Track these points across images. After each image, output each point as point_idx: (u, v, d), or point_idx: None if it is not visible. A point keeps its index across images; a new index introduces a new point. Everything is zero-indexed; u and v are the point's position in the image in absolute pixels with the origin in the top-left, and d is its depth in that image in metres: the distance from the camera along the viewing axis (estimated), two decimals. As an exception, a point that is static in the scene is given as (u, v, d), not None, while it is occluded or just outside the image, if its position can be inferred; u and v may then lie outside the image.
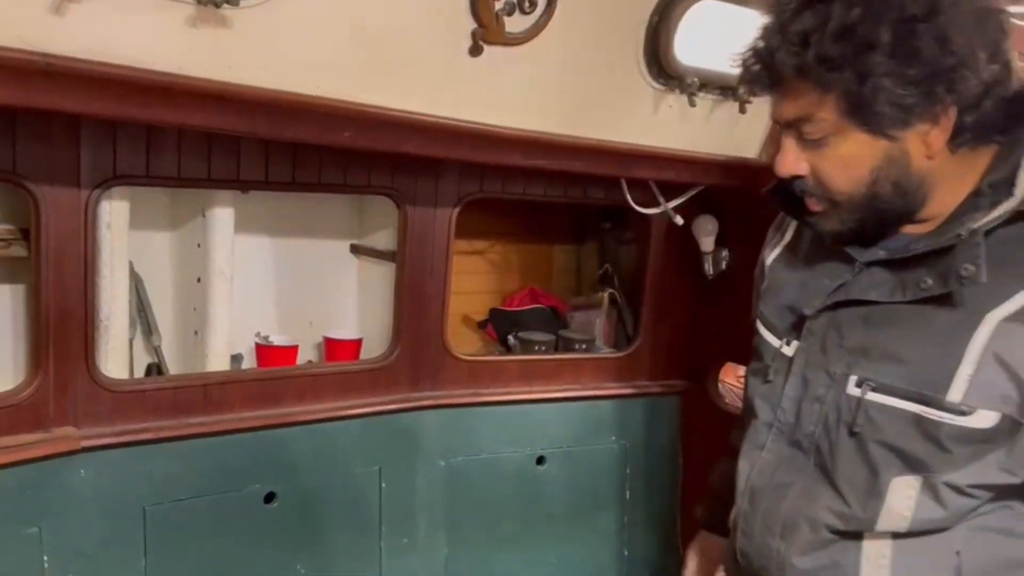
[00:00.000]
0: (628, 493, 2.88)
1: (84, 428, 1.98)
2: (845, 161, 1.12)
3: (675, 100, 2.25)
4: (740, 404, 3.01)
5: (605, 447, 2.83)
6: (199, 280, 2.38)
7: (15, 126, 1.76)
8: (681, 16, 2.07)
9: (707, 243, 2.75)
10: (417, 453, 2.52)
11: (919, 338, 1.13)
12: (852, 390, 1.18)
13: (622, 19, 2.07)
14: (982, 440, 1.10)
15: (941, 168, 1.12)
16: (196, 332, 2.41)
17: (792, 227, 1.40)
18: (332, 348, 2.70)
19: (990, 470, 1.12)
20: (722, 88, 2.29)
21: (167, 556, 2.10)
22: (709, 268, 2.76)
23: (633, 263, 3.06)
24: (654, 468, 2.93)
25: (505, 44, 1.91)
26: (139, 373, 2.42)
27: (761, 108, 2.42)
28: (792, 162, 1.16)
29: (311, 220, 2.74)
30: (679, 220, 2.70)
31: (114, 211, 2.06)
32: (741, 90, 1.19)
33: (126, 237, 2.11)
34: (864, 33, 1.02)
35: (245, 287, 2.51)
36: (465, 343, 3.08)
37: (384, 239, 2.68)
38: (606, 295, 3.09)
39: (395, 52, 1.81)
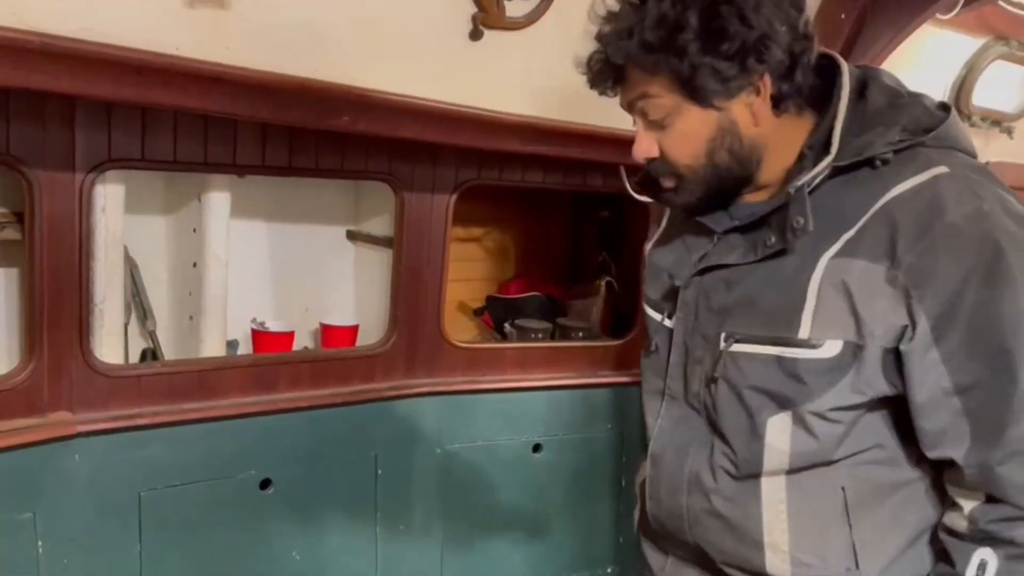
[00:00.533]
0: (623, 481, 2.88)
1: (79, 413, 1.97)
2: (684, 135, 1.26)
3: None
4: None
5: (601, 435, 2.83)
6: (195, 265, 2.36)
7: (9, 107, 1.74)
8: (682, 2, 2.06)
9: (705, 231, 2.74)
10: (413, 440, 2.51)
11: (769, 289, 1.26)
12: (723, 344, 1.31)
13: (623, 4, 2.05)
14: (833, 368, 1.22)
15: (769, 134, 1.27)
16: (191, 317, 2.39)
17: (666, 217, 1.53)
18: (328, 334, 2.69)
19: (844, 393, 1.23)
20: (722, 75, 2.28)
21: (162, 542, 2.09)
22: (707, 256, 2.76)
23: (630, 251, 3.05)
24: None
25: (505, 28, 1.89)
26: (134, 358, 2.40)
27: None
28: (645, 146, 1.30)
29: (308, 205, 2.72)
30: (677, 208, 2.69)
31: (109, 195, 2.04)
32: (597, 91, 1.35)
33: (121, 221, 2.10)
34: (674, 18, 1.17)
35: (241, 272, 2.49)
36: (462, 330, 3.07)
37: (381, 225, 2.67)
38: (603, 283, 3.09)
39: (395, 35, 1.80)
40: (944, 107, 1.29)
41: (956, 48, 2.94)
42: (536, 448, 2.71)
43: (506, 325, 3.00)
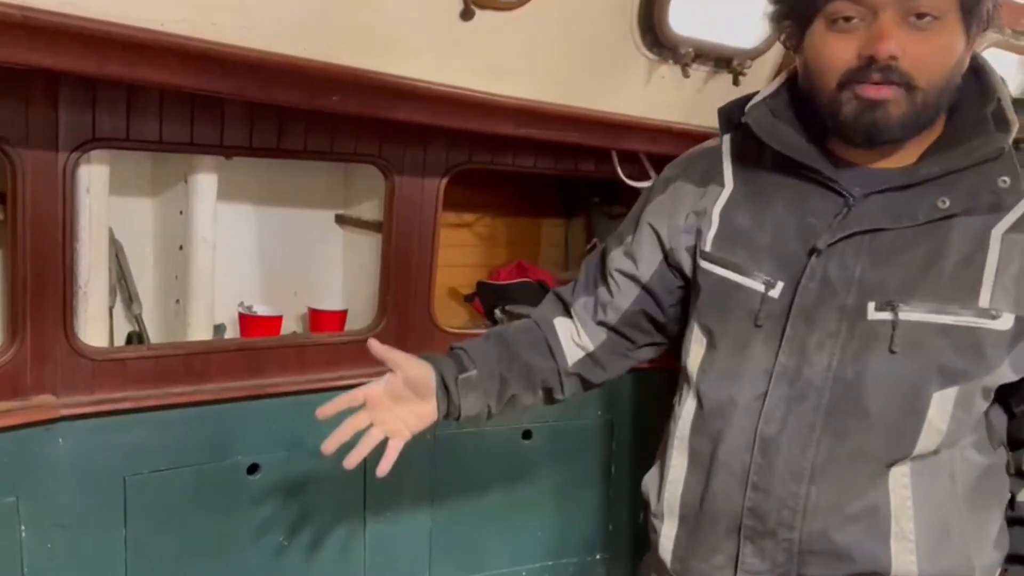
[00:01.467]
0: (614, 468, 2.87)
1: (63, 397, 1.94)
2: (942, 48, 1.17)
3: (668, 71, 2.22)
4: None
5: (591, 422, 2.82)
6: (181, 248, 2.33)
7: (-10, 84, 1.71)
8: (677, -16, 2.04)
9: (697, 218, 2.73)
10: (402, 426, 2.49)
11: (938, 255, 1.20)
12: (876, 315, 1.21)
13: (617, -14, 2.03)
14: (1007, 341, 1.20)
15: (956, 88, 1.22)
16: (178, 301, 2.37)
17: (729, 176, 1.40)
18: (317, 319, 2.67)
19: (1013, 368, 1.22)
20: (716, 60, 2.26)
21: (147, 527, 2.07)
22: (699, 243, 2.74)
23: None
24: (640, 443, 2.93)
25: (497, 9, 1.86)
26: (119, 342, 2.38)
27: (754, 82, 2.40)
28: (896, 43, 1.15)
29: (296, 189, 2.69)
30: (669, 194, 2.67)
31: (93, 175, 2.01)
32: None
33: (106, 202, 2.06)
34: None
35: (228, 256, 2.46)
36: (452, 316, 3.06)
37: (370, 209, 2.64)
38: (594, 269, 3.07)
39: (385, 15, 1.77)
40: None
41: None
42: (526, 435, 2.70)
43: (497, 311, 2.98)
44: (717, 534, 1.33)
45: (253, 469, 2.23)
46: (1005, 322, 1.19)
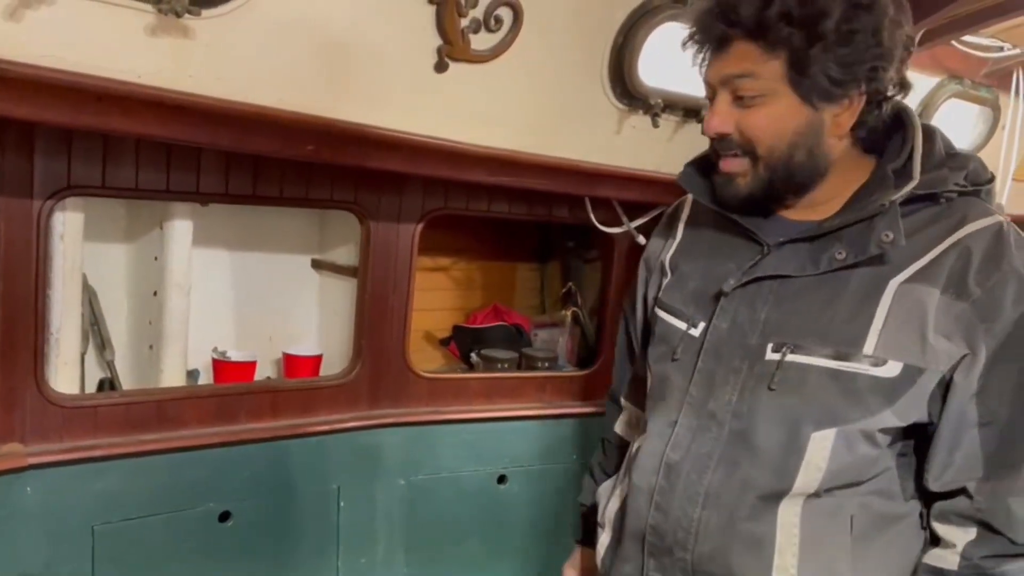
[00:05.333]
0: (589, 509, 2.87)
1: (31, 444, 1.93)
2: (774, 119, 1.24)
3: (639, 120, 2.27)
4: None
5: (567, 465, 2.82)
6: (155, 294, 2.33)
7: (-34, 133, 1.72)
8: (645, 38, 2.10)
9: (669, 263, 2.77)
10: (377, 471, 2.49)
11: (833, 303, 1.26)
12: (771, 355, 1.28)
13: (587, 39, 2.09)
14: (890, 389, 1.23)
15: (841, 153, 1.28)
16: (151, 347, 2.36)
17: (681, 228, 1.51)
18: (291, 364, 2.66)
19: (897, 414, 1.24)
20: (685, 110, 2.32)
21: (116, 576, 2.04)
22: (671, 287, 2.78)
23: (596, 282, 3.07)
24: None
25: (471, 61, 1.91)
26: (91, 388, 2.35)
27: (723, 130, 2.46)
28: (722, 119, 1.26)
29: (272, 234, 2.70)
30: (642, 240, 2.71)
31: (68, 222, 2.01)
32: (685, 49, 1.28)
33: (80, 249, 2.06)
34: (821, 4, 1.16)
35: (203, 301, 2.46)
36: (428, 360, 3.06)
37: (346, 254, 2.66)
38: (569, 313, 3.10)
39: (360, 66, 1.81)
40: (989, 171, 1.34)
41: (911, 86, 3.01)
42: (501, 479, 2.70)
43: (472, 355, 2.99)
44: (630, 548, 1.42)
45: (225, 517, 2.21)
46: (890, 369, 1.22)
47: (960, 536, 1.25)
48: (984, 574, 1.22)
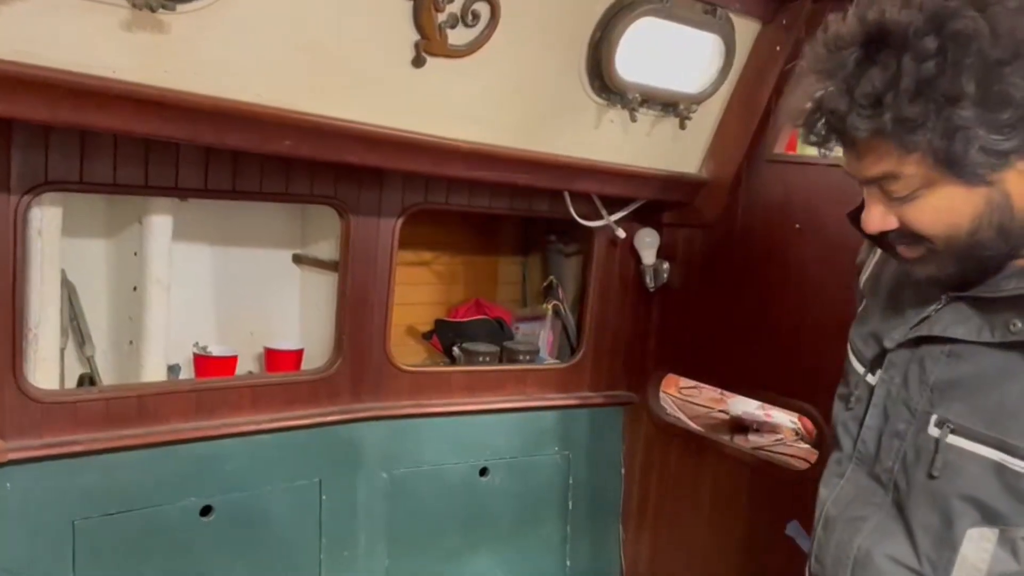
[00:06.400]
0: (571, 504, 2.89)
1: (11, 440, 1.92)
2: (940, 212, 1.06)
3: (617, 115, 2.29)
4: (681, 416, 3.07)
5: (548, 458, 2.84)
6: (135, 289, 2.33)
7: (-59, 129, 1.72)
8: (623, 32, 2.11)
9: (648, 256, 2.79)
10: (359, 465, 2.50)
11: (1004, 382, 1.09)
12: (932, 430, 1.14)
13: (565, 34, 2.10)
14: None
15: None
16: (131, 342, 2.36)
17: (877, 250, 1.35)
18: (273, 359, 2.67)
19: None
20: (663, 104, 2.34)
21: (97, 572, 2.04)
22: (650, 280, 2.81)
23: (577, 275, 3.09)
24: (597, 479, 2.95)
25: (448, 56, 1.92)
26: (71, 384, 2.35)
27: (701, 126, 2.49)
28: (880, 219, 1.11)
29: (253, 229, 2.70)
30: (621, 233, 2.74)
31: (45, 217, 2.01)
32: (817, 149, 1.11)
33: (58, 244, 2.06)
34: (945, 87, 0.96)
35: (183, 296, 2.46)
36: (410, 354, 3.07)
37: (327, 249, 2.66)
38: (550, 307, 3.12)
39: (337, 61, 1.81)
40: None
41: None
42: (483, 472, 2.71)
43: (454, 349, 3.00)
44: None
45: (206, 511, 2.21)
46: None
47: None
48: None
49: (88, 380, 2.38)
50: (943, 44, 0.95)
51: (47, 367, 2.10)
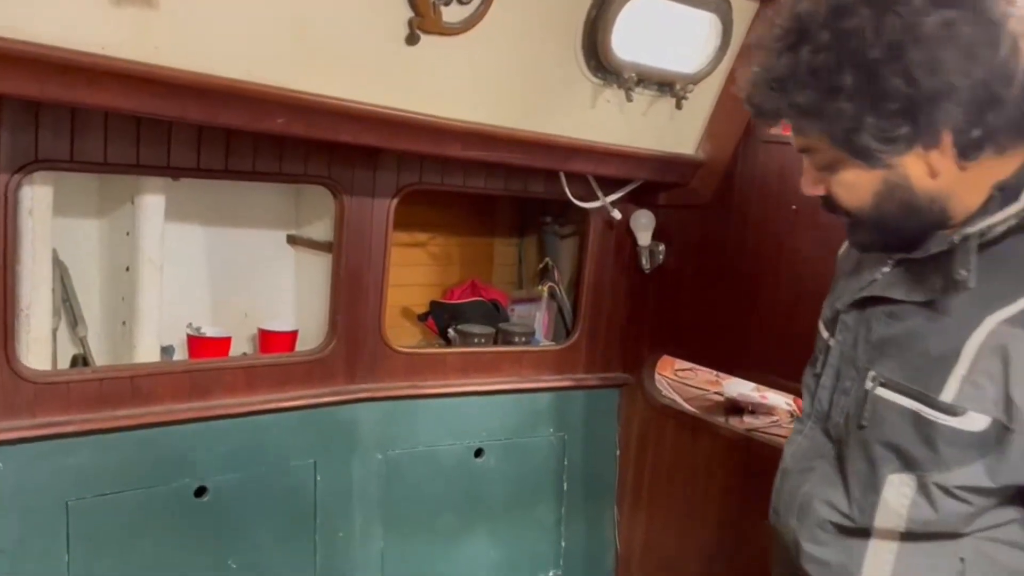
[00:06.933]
0: (566, 485, 2.90)
1: (3, 421, 1.91)
2: (848, 187, 1.17)
3: (613, 94, 2.27)
4: (676, 397, 3.07)
5: (543, 439, 2.84)
6: (128, 269, 2.31)
7: (-71, 106, 1.70)
8: (619, 10, 2.09)
9: (644, 237, 2.78)
10: (354, 446, 2.50)
11: (925, 337, 1.16)
12: (868, 384, 1.23)
13: (560, 12, 2.08)
14: (972, 443, 1.12)
15: (953, 184, 1.13)
16: (124, 323, 2.34)
17: None
18: (267, 340, 2.66)
19: (978, 474, 1.13)
20: (659, 84, 2.31)
21: (91, 552, 2.04)
22: (646, 262, 2.80)
23: (572, 257, 3.08)
24: (592, 460, 2.96)
25: (442, 34, 1.89)
26: (64, 364, 2.34)
27: (697, 106, 2.47)
28: (810, 183, 1.22)
29: (246, 209, 2.68)
30: (617, 214, 2.72)
31: (36, 196, 1.99)
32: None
33: (49, 224, 2.04)
34: (829, 78, 1.05)
35: (177, 277, 2.45)
36: (405, 336, 3.06)
37: (321, 229, 2.64)
38: (546, 288, 3.11)
39: (329, 38, 1.79)
40: None
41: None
42: (478, 453, 2.71)
43: (450, 330, 2.99)
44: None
45: (201, 492, 2.21)
46: (971, 422, 1.11)
47: None
48: None
49: (81, 361, 2.37)
50: (833, 38, 1.04)
51: (39, 347, 2.09)
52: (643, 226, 2.78)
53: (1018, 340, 1.07)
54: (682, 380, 3.29)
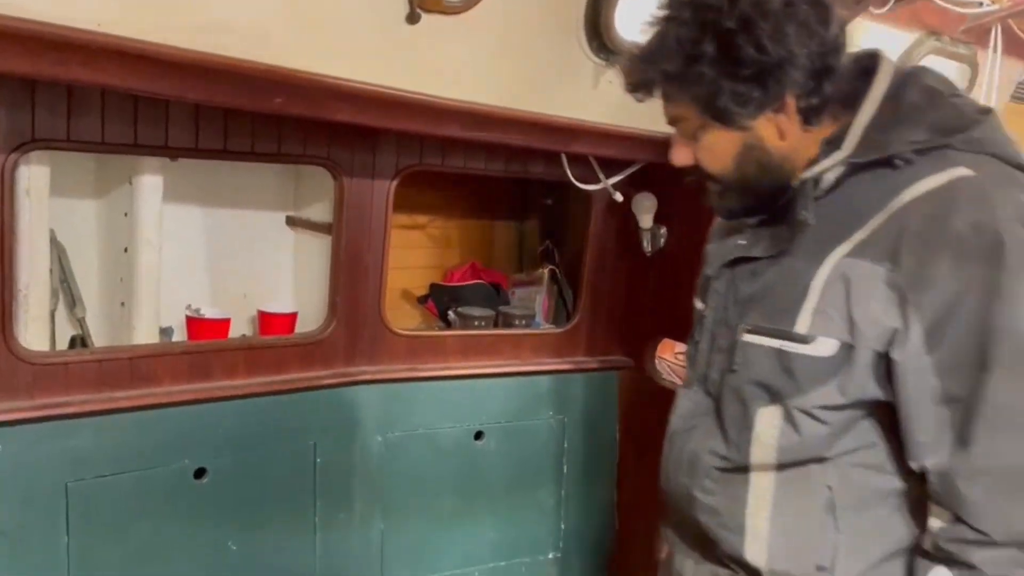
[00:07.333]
0: (566, 468, 2.89)
1: (2, 402, 1.90)
2: (713, 151, 1.30)
3: (615, 75, 2.25)
4: (677, 381, 3.07)
5: (543, 422, 2.84)
6: (126, 250, 2.30)
7: (-77, 84, 1.68)
8: (622, -10, 2.06)
9: (646, 220, 2.76)
10: (353, 428, 2.49)
11: (781, 283, 1.30)
12: (738, 336, 1.35)
13: (563, -9, 2.05)
14: (825, 366, 1.25)
15: (798, 145, 1.29)
16: (123, 303, 2.33)
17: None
18: (266, 322, 2.65)
19: (832, 393, 1.26)
20: (662, 64, 2.29)
21: (91, 534, 2.03)
22: (647, 245, 2.78)
23: (574, 239, 3.06)
24: (592, 443, 2.96)
25: (443, 12, 1.87)
26: (62, 345, 2.33)
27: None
28: (681, 155, 1.35)
29: (245, 190, 2.67)
30: (619, 196, 2.70)
31: (33, 177, 1.97)
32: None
33: (46, 204, 2.03)
34: (690, 47, 1.20)
35: (175, 258, 2.43)
36: (405, 318, 3.05)
37: (321, 211, 2.63)
38: (547, 271, 3.10)
39: (329, 16, 1.76)
40: (984, 111, 1.27)
41: (889, 42, 2.99)
42: (478, 435, 2.71)
43: (450, 313, 2.99)
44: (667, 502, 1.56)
45: (200, 473, 2.20)
46: (823, 348, 1.24)
47: (937, 517, 1.23)
48: (952, 559, 1.20)
49: (80, 342, 2.37)
50: (694, 13, 1.20)
51: (37, 328, 2.08)
52: (645, 208, 2.76)
53: (856, 268, 1.21)
54: (682, 363, 3.28)
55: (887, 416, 1.26)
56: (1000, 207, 1.15)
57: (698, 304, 1.50)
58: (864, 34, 2.70)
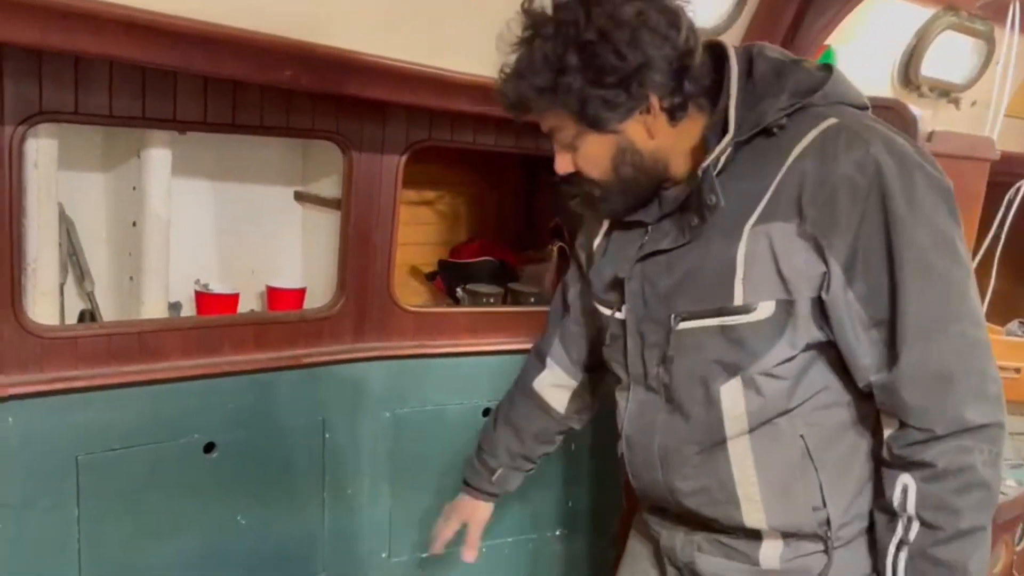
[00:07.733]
0: (573, 445, 2.89)
1: (11, 375, 1.91)
2: (591, 157, 1.38)
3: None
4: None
5: (552, 400, 2.83)
6: (134, 224, 2.29)
7: (-71, 55, 1.66)
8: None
9: (657, 197, 2.74)
10: (362, 404, 2.49)
11: (703, 266, 1.37)
12: (672, 325, 1.41)
13: (575, -38, 2.01)
14: (770, 327, 1.34)
15: (668, 142, 1.39)
16: (131, 278, 2.33)
17: (606, 221, 1.62)
18: (275, 297, 2.64)
19: (784, 348, 1.35)
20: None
21: (101, 507, 2.04)
22: (658, 222, 2.76)
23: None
24: (600, 420, 2.94)
25: (454, -17, 1.85)
26: (71, 320, 2.34)
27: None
28: (563, 164, 1.42)
29: (254, 164, 2.65)
30: (629, 173, 2.68)
31: (41, 149, 1.96)
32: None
33: (54, 177, 2.02)
34: (556, 60, 1.28)
35: (184, 232, 2.42)
36: (413, 295, 3.05)
37: (330, 186, 2.61)
38: (556, 248, 3.08)
39: (338, -13, 1.75)
40: (827, 68, 1.40)
41: (907, 17, 2.96)
42: (487, 412, 2.71)
43: (458, 290, 2.98)
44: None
45: (209, 448, 2.21)
46: (763, 311, 1.33)
47: (888, 426, 1.35)
48: (908, 461, 1.31)
49: (89, 316, 2.37)
50: (556, 28, 1.29)
51: (46, 302, 2.08)
52: (655, 185, 2.74)
53: (772, 230, 1.30)
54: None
55: (833, 355, 1.37)
56: (872, 143, 1.28)
57: (604, 311, 1.55)
58: (881, 9, 2.66)
